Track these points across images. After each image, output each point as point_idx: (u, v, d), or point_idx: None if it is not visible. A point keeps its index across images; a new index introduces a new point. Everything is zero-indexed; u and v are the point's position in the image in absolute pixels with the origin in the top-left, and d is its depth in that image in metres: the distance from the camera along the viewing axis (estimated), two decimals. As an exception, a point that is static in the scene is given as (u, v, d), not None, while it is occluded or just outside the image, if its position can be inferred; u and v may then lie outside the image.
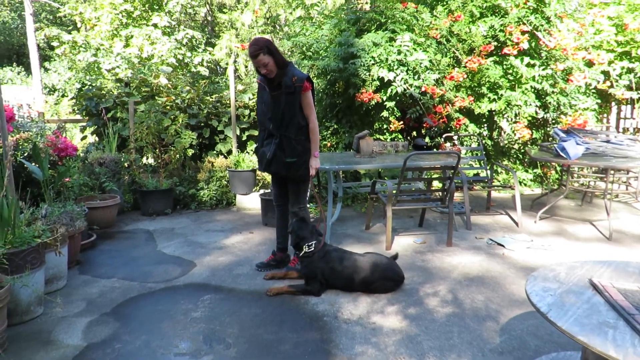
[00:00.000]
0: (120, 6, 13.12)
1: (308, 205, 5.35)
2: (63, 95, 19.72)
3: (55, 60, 21.26)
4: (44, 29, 12.54)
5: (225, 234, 4.58)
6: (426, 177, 4.87)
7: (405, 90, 5.51)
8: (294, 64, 3.34)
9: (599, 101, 6.04)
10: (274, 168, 3.37)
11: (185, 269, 3.62)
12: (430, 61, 5.61)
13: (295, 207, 3.49)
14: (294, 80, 3.16)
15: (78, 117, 7.23)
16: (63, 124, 7.75)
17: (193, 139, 5.98)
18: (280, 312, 2.88)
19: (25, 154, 4.06)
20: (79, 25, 13.97)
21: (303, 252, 3.18)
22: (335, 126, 6.07)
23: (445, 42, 5.85)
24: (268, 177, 6.14)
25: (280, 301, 3.03)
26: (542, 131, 6.63)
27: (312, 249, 3.19)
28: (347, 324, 2.70)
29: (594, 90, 5.98)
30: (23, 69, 23.88)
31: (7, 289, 2.39)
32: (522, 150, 6.79)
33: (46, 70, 22.59)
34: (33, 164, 3.76)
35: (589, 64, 5.81)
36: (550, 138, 6.56)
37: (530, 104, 5.80)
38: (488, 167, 5.46)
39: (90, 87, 6.92)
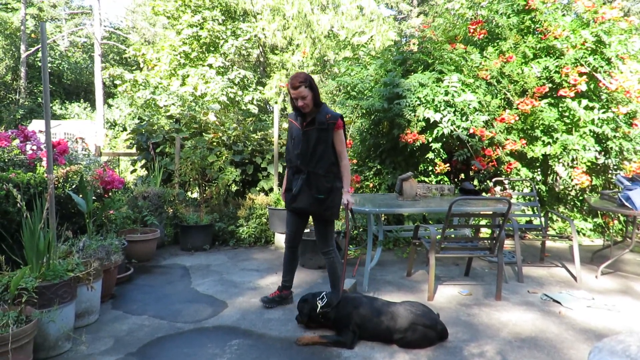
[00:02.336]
0: (179, 48, 13.92)
1: (349, 248, 5.20)
2: (124, 130, 20.91)
3: (117, 97, 22.71)
4: (109, 69, 13.44)
5: (261, 274, 4.46)
6: (474, 223, 4.58)
7: (452, 131, 5.32)
8: (327, 105, 3.38)
9: (667, 147, 5.57)
10: (302, 204, 3.31)
11: (216, 310, 3.51)
12: (480, 102, 5.41)
13: (324, 249, 3.41)
14: (328, 118, 3.21)
15: (134, 151, 7.53)
16: (113, 157, 8.08)
17: (236, 175, 6.02)
18: (309, 364, 2.69)
19: (74, 186, 4.18)
20: (141, 65, 14.92)
21: (319, 309, 3.03)
22: (379, 167, 5.93)
23: (496, 83, 5.65)
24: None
25: (311, 352, 2.84)
26: (603, 178, 6.17)
27: (325, 300, 3.04)
28: (381, 385, 2.47)
29: (662, 136, 5.53)
30: (89, 105, 25.64)
31: (35, 323, 2.36)
32: (581, 198, 6.33)
33: (109, 106, 24.14)
34: (79, 196, 3.86)
35: (656, 107, 5.40)
36: (612, 185, 6.08)
37: (589, 149, 5.43)
38: (542, 215, 5.09)
39: (142, 123, 7.21)
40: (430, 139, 5.46)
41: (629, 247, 4.49)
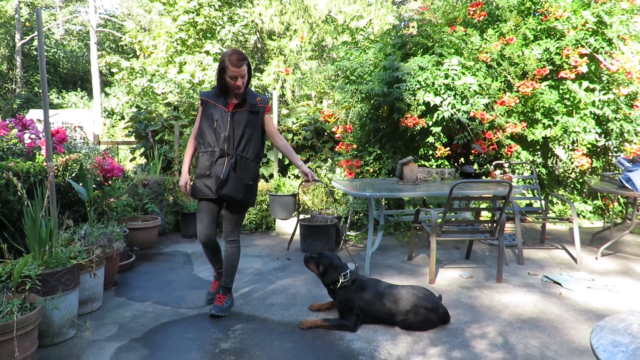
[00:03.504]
0: (176, 34, 13.75)
1: (350, 233, 5.21)
2: (122, 118, 20.82)
3: (114, 85, 22.55)
4: (105, 56, 13.31)
5: (262, 260, 4.48)
6: (474, 206, 4.59)
7: (452, 115, 5.29)
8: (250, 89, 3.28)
9: (668, 128, 5.55)
10: (229, 190, 3.00)
11: (219, 295, 3.52)
12: (480, 85, 5.37)
13: (233, 237, 3.19)
14: (258, 101, 3.16)
15: (132, 139, 7.50)
16: (112, 146, 8.05)
17: (236, 162, 6.00)
18: (313, 348, 2.71)
19: (74, 175, 4.17)
20: (138, 52, 14.76)
21: (340, 283, 3.02)
22: (379, 151, 5.91)
23: (496, 66, 5.60)
24: (309, 202, 6.04)
25: (314, 335, 2.86)
26: (603, 160, 6.16)
27: (348, 277, 3.04)
28: (384, 366, 2.49)
29: (662, 117, 5.51)
30: (86, 94, 25.49)
31: (39, 310, 2.37)
32: (581, 180, 6.33)
33: (106, 95, 23.99)
34: (80, 184, 3.85)
35: (657, 88, 5.37)
36: (613, 168, 6.08)
37: (590, 131, 5.40)
38: (542, 197, 5.10)
39: (141, 111, 7.16)
40: (430, 123, 5.43)
41: (629, 228, 4.51)
